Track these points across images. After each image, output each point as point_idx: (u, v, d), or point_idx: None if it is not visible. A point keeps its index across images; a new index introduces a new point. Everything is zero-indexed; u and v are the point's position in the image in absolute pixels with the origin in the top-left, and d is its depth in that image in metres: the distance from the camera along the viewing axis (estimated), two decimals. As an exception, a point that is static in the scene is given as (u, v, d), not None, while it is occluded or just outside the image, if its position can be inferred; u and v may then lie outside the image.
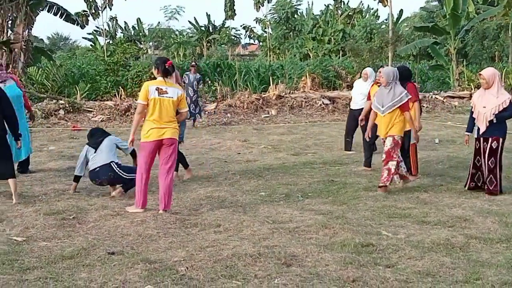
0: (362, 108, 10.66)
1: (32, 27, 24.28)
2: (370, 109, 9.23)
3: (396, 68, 9.08)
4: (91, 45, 54.78)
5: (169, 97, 7.38)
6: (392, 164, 8.64)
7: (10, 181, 8.08)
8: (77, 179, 8.69)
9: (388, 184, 8.64)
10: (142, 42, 57.90)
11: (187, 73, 18.21)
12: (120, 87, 23.09)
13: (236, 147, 13.73)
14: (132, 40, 53.71)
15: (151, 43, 61.39)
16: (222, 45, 58.90)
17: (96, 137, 8.85)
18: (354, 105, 12.27)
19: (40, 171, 10.40)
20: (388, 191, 8.62)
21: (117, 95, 22.08)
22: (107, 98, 22.46)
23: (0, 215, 7.34)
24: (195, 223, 6.93)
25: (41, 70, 23.62)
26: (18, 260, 5.68)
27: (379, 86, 9.11)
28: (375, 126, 9.09)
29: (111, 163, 8.40)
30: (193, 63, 18.95)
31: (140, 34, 58.69)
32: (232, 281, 5.00)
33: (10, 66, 22.68)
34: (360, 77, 13.51)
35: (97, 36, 51.92)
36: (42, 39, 61.33)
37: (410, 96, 8.72)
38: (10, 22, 23.96)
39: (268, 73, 27.43)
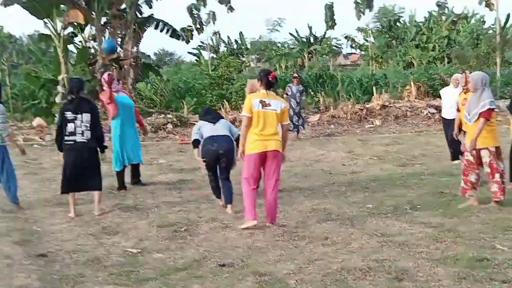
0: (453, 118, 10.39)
1: (139, 43, 25.16)
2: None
3: (485, 74, 8.54)
4: (195, 59, 56.08)
5: (272, 110, 7.41)
6: (498, 176, 8.23)
7: (96, 193, 8.45)
8: (196, 143, 8.71)
9: (502, 197, 8.31)
10: (244, 55, 58.71)
11: (289, 85, 18.29)
12: (224, 100, 23.54)
13: (341, 158, 13.67)
14: (235, 53, 54.57)
15: (253, 56, 62.15)
16: (323, 56, 58.77)
17: (213, 114, 9.05)
18: (445, 114, 12.06)
19: (151, 184, 10.75)
20: (502, 203, 8.29)
21: (222, 108, 22.51)
22: (212, 112, 22.92)
23: (115, 227, 7.66)
24: (303, 235, 6.96)
25: (150, 85, 24.44)
26: (134, 272, 5.91)
27: (465, 93, 8.91)
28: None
29: (230, 137, 8.59)
30: (296, 75, 19.01)
31: (243, 47, 59.52)
32: (343, 295, 4.98)
33: (120, 82, 23.58)
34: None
35: (201, 51, 53.15)
36: (149, 55, 63.34)
37: (495, 106, 8.15)
38: (119, 39, 24.96)
39: (371, 83, 27.14)
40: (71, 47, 24.97)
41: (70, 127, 8.24)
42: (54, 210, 8.75)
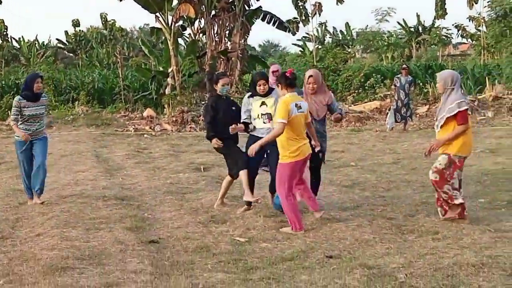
0: None
1: (248, 36, 25.39)
2: None
3: (454, 72, 7.29)
4: (300, 50, 56.05)
5: (302, 112, 6.96)
6: (447, 189, 6.97)
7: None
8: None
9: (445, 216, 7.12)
10: (350, 46, 58.08)
11: (398, 75, 17.91)
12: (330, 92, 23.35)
13: (451, 151, 13.23)
14: (340, 44, 54.10)
15: (359, 47, 61.34)
16: (432, 46, 57.17)
17: None
18: None
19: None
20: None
21: (328, 100, 22.31)
22: (317, 103, 22.79)
23: (223, 216, 7.78)
24: (412, 229, 6.80)
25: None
26: (242, 260, 5.98)
27: None
28: None
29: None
30: (405, 66, 18.61)
31: (348, 38, 58.90)
32: (455, 291, 4.83)
33: (228, 74, 23.97)
34: None
35: (306, 42, 53.01)
36: (254, 47, 63.99)
37: (465, 107, 6.86)
38: (227, 32, 25.30)
39: (483, 73, 26.13)
40: (180, 40, 25.56)
41: None
42: (164, 198, 8.99)
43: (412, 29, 56.07)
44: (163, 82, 23.34)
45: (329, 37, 61.56)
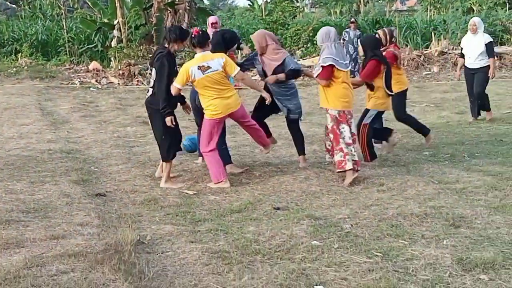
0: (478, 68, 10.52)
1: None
2: None
3: (329, 28, 7.30)
4: (249, 4, 55.48)
5: (212, 71, 6.78)
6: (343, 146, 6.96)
7: None
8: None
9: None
10: (298, 1, 57.86)
11: (346, 30, 17.97)
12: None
13: (397, 105, 13.40)
14: (289, -2, 53.81)
15: (307, 1, 61.20)
16: (380, 1, 57.48)
17: None
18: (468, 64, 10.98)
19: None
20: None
21: (276, 54, 22.24)
22: (267, 57, 22.68)
23: (172, 169, 7.72)
24: (358, 181, 6.90)
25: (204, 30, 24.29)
26: (190, 212, 6.00)
27: None
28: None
29: None
30: (353, 20, 18.69)
31: (297, -8, 58.73)
32: (399, 240, 4.94)
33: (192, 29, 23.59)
34: None
35: (255, -4, 52.58)
36: (202, 0, 63.11)
37: (330, 63, 6.88)
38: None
39: (429, 29, 26.38)
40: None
41: None
42: (111, 152, 8.90)
43: (360, -16, 56.14)
44: (109, 34, 22.82)
45: (279, -9, 61.14)
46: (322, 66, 6.95)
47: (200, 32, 6.91)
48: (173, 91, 6.80)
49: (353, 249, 4.76)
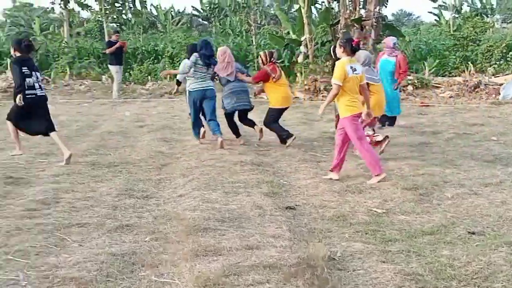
0: None
1: (386, 5, 24.69)
2: None
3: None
4: (435, 20, 54.09)
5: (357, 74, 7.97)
6: None
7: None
8: None
9: None
10: (489, 16, 55.31)
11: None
12: (469, 63, 22.41)
13: None
14: (479, 13, 51.65)
15: (498, 16, 58.32)
16: None
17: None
18: None
19: (394, 146, 10.43)
20: None
21: (466, 71, 21.47)
22: (455, 74, 21.96)
23: (359, 186, 7.71)
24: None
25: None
26: (379, 231, 5.92)
27: None
28: None
29: None
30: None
31: (487, 7, 56.13)
32: None
33: (361, 43, 23.58)
34: None
35: (442, 11, 51.08)
36: (386, 16, 62.42)
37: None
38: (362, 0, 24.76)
39: None
40: (313, 8, 25.33)
41: None
42: (298, 166, 9.04)
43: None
44: (295, 50, 23.34)
45: (467, 6, 58.93)
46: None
47: (358, 42, 8.24)
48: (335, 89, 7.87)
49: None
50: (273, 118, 10.74)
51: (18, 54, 9.06)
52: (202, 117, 10.92)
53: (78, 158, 9.44)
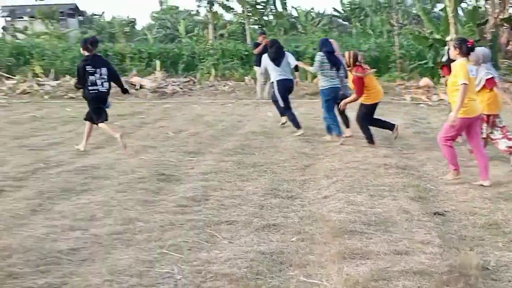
0: None
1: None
2: None
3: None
4: None
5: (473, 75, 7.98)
6: None
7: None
8: None
9: None
10: None
11: None
12: None
13: None
14: None
15: None
16: None
17: None
18: None
19: None
20: None
21: None
22: None
23: (512, 193, 7.35)
24: None
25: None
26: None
27: None
28: None
29: None
30: None
31: None
32: None
33: (510, 43, 22.53)
34: None
35: None
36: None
37: None
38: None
39: None
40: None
41: None
42: (446, 170, 8.74)
43: None
44: (440, 50, 22.65)
45: None
46: None
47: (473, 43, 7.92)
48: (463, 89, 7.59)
49: None
50: (366, 115, 10.77)
51: (86, 53, 10.07)
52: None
53: (224, 157, 9.74)
